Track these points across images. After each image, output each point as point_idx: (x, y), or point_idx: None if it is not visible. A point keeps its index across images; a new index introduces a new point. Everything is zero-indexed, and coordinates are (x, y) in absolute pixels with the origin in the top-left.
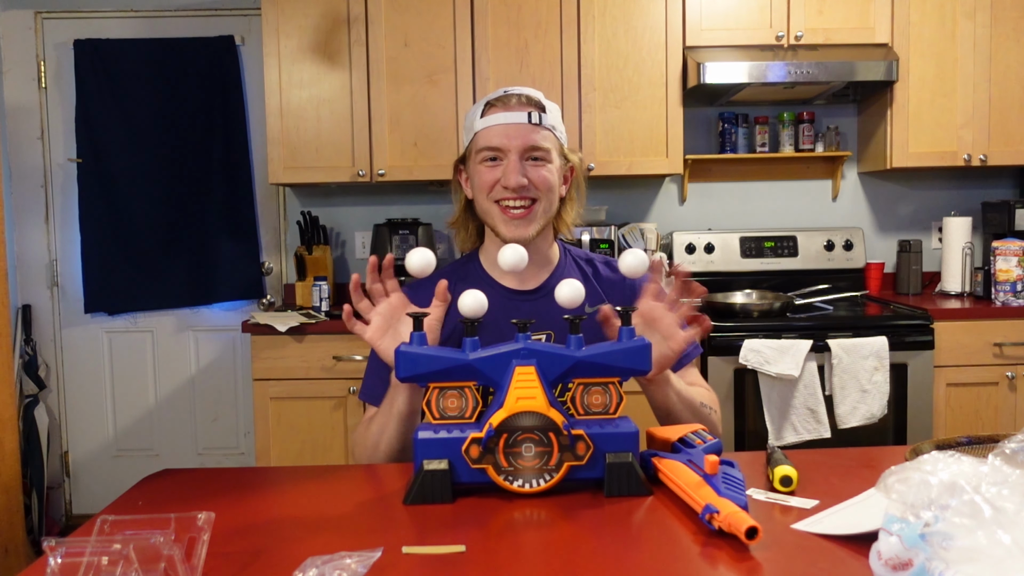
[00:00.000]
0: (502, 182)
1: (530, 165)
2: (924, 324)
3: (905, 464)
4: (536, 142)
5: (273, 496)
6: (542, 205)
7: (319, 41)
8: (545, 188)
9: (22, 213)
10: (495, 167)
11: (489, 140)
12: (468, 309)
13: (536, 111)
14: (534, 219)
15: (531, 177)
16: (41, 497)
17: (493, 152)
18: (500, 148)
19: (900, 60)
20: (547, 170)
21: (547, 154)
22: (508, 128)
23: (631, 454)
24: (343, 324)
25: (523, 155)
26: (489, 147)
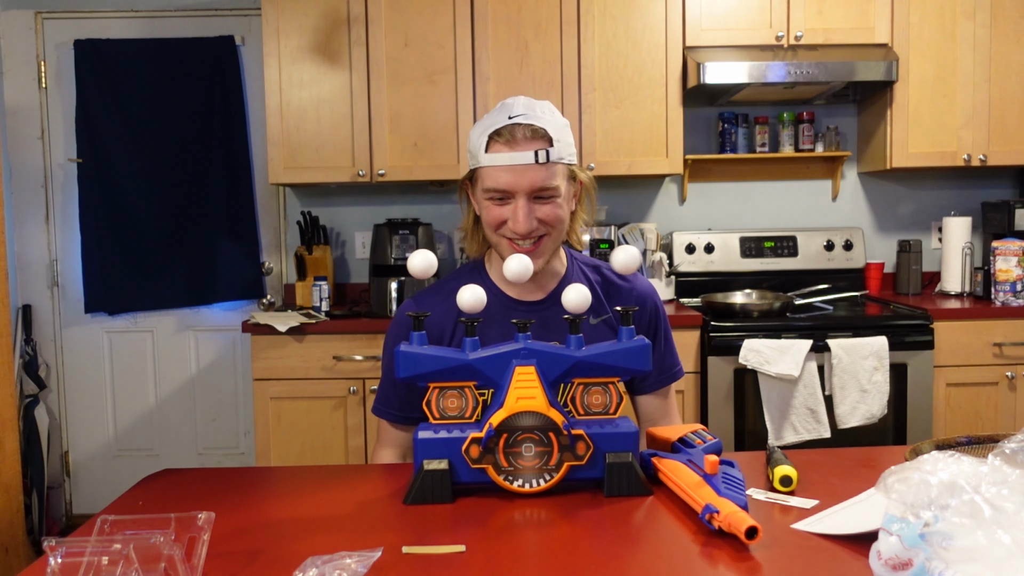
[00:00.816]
0: (510, 225)
1: (538, 204)
2: (924, 324)
3: (905, 464)
4: (544, 183)
5: (273, 496)
6: (551, 238)
7: (319, 41)
8: (554, 223)
9: (22, 213)
10: (503, 205)
11: (496, 181)
12: (467, 304)
13: (544, 147)
14: (543, 253)
15: (539, 216)
16: (41, 497)
17: (500, 193)
18: (507, 191)
19: (900, 60)
20: (555, 205)
21: (555, 190)
22: (515, 170)
23: (631, 454)
24: (343, 324)
25: (531, 195)
26: (496, 189)
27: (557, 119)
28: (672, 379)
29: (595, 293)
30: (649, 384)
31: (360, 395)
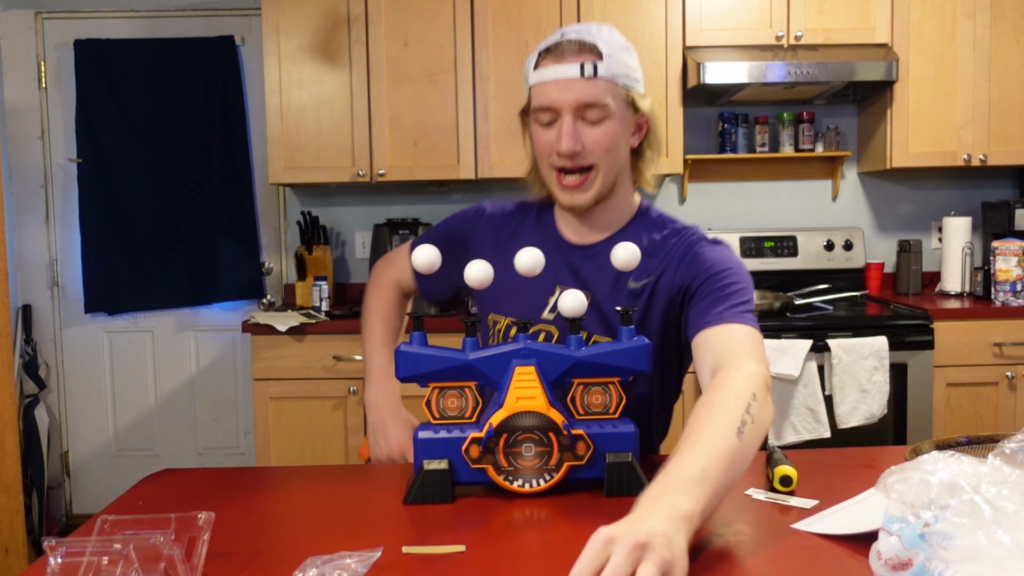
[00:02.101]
0: (556, 147)
1: (586, 126)
2: (924, 324)
3: (905, 464)
4: (589, 98)
5: (273, 496)
6: (600, 169)
7: (319, 41)
8: (601, 151)
9: (22, 213)
10: (550, 129)
11: (541, 98)
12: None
13: (591, 60)
14: (590, 187)
15: (586, 141)
16: (41, 497)
17: (547, 113)
18: (551, 107)
19: (900, 60)
20: (604, 130)
21: (605, 110)
22: (559, 84)
23: (631, 454)
24: (343, 324)
25: (577, 113)
26: (541, 106)
27: (616, 39)
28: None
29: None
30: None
31: (360, 395)
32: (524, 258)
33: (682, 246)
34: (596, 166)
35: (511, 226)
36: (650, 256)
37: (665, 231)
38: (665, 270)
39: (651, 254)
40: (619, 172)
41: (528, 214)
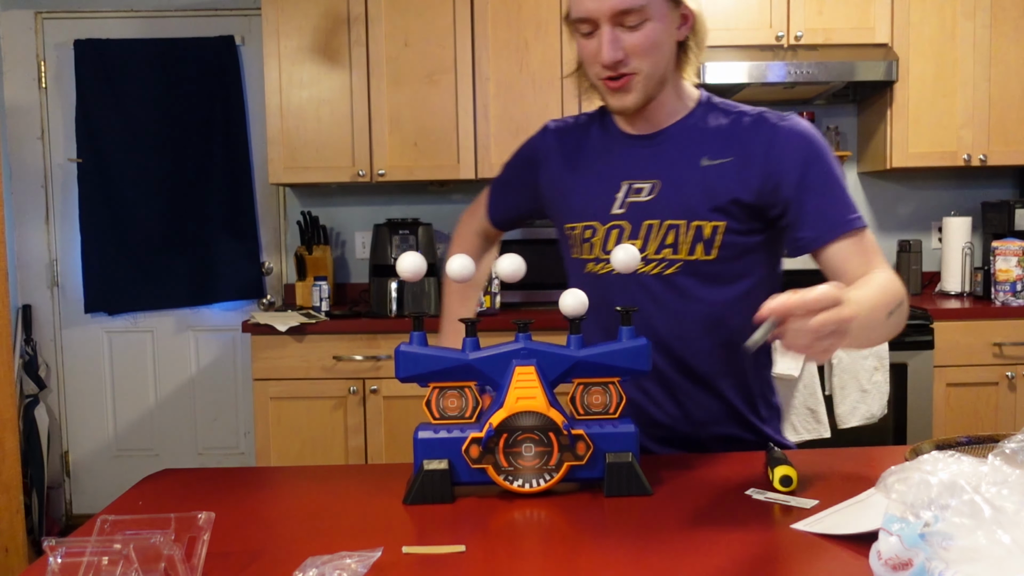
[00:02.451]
0: (598, 58)
1: (625, 32)
2: (924, 324)
3: (905, 464)
4: (624, 4)
5: (273, 496)
6: (644, 71)
7: (319, 41)
8: (642, 54)
9: (22, 213)
10: (591, 39)
11: (578, 9)
12: (505, 272)
13: None
14: (633, 88)
15: (627, 47)
16: (41, 497)
17: (585, 24)
18: (588, 18)
19: (900, 60)
20: (644, 34)
21: (642, 12)
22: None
23: (631, 454)
24: (343, 324)
25: (615, 21)
26: (579, 18)
27: None
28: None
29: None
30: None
31: (360, 395)
32: (505, 264)
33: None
34: (638, 72)
35: (576, 135)
36: (728, 137)
37: (732, 115)
38: (752, 153)
39: (728, 135)
40: (664, 68)
41: (593, 120)
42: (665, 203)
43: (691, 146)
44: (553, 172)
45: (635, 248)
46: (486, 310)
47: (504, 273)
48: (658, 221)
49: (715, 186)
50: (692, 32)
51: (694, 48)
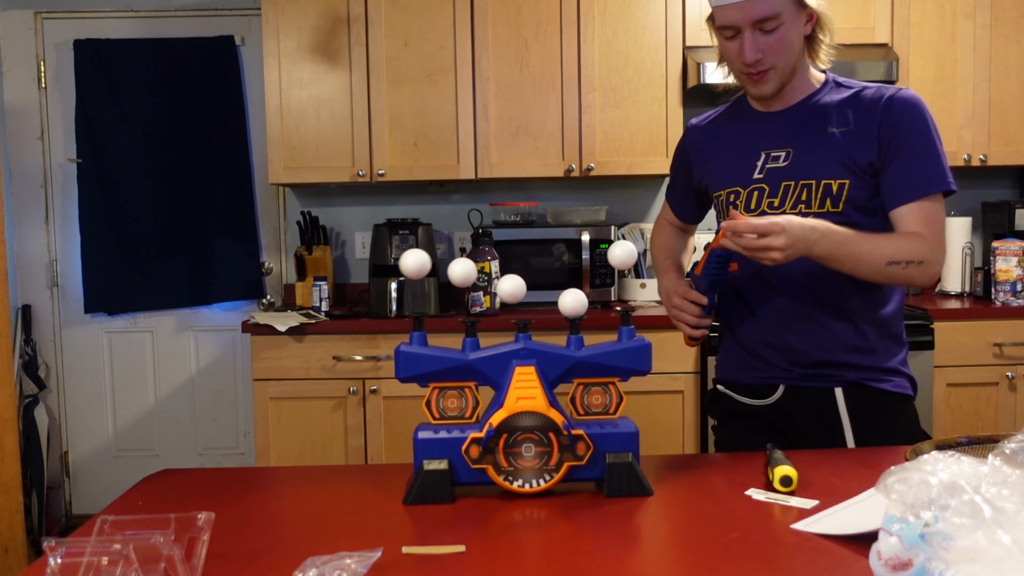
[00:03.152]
0: (741, 58)
1: (762, 36)
2: (924, 324)
3: (905, 464)
4: (763, 14)
5: (273, 496)
6: (779, 65)
7: (319, 41)
8: (777, 52)
9: (22, 213)
10: (733, 40)
11: (723, 18)
12: (506, 294)
13: None
14: (771, 79)
15: (764, 48)
16: (41, 497)
17: (729, 30)
18: (732, 26)
19: (900, 60)
20: (778, 36)
21: (777, 19)
22: (737, 7)
23: (631, 454)
24: (343, 324)
25: (755, 27)
26: (724, 26)
27: None
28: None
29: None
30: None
31: (360, 395)
32: (506, 286)
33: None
34: (774, 66)
35: (716, 124)
36: (848, 108)
37: (853, 89)
38: (866, 120)
39: (848, 106)
40: (796, 59)
41: (731, 109)
42: (798, 166)
43: (818, 117)
44: (701, 158)
45: (631, 244)
46: (486, 310)
47: (504, 294)
48: (793, 182)
49: (840, 149)
50: (818, 26)
51: (821, 39)
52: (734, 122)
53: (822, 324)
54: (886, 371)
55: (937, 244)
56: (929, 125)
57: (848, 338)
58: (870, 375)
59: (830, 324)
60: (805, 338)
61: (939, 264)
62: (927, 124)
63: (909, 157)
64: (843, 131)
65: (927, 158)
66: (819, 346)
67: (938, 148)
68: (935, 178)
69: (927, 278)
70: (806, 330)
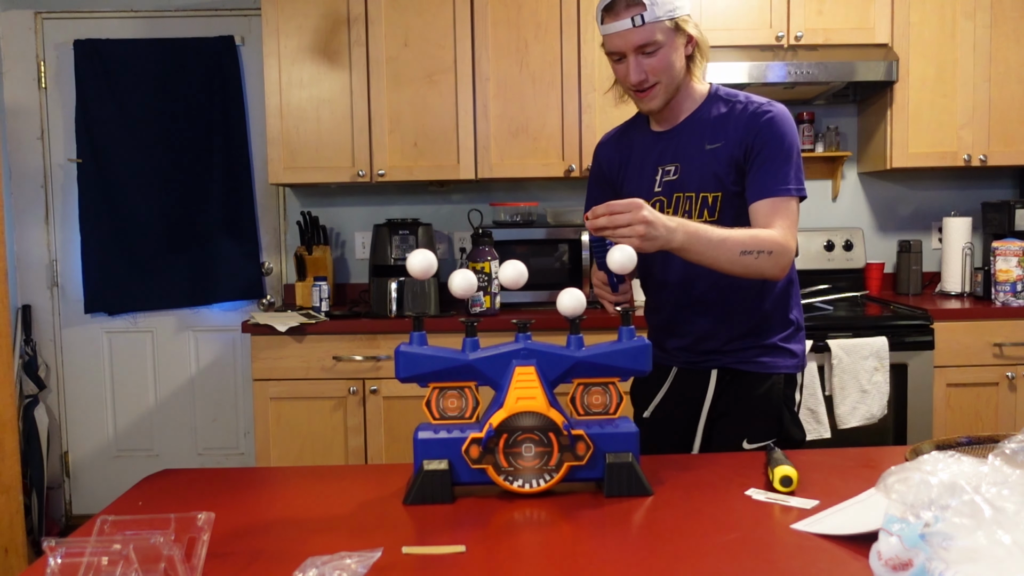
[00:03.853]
0: (627, 79)
1: (645, 58)
2: (924, 324)
3: (905, 464)
4: (643, 40)
5: (273, 496)
6: (663, 82)
7: (319, 41)
8: (660, 71)
9: (22, 213)
10: (621, 63)
11: (609, 45)
12: (508, 280)
13: (638, 13)
14: (656, 95)
15: (647, 69)
16: (41, 497)
17: (616, 55)
18: (617, 52)
19: (900, 60)
20: (659, 57)
21: (656, 44)
22: (620, 35)
23: (631, 454)
24: (343, 324)
25: (637, 51)
26: (611, 51)
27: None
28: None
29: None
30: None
31: (360, 395)
32: (508, 271)
33: (745, 117)
34: (659, 83)
35: (623, 140)
36: (721, 125)
37: (730, 104)
38: (733, 136)
39: (722, 123)
40: (679, 77)
41: (632, 126)
42: (684, 180)
43: (698, 134)
44: (614, 170)
45: (631, 248)
46: (486, 310)
47: (507, 280)
48: (682, 193)
49: (712, 165)
50: (697, 47)
51: (699, 59)
52: (637, 139)
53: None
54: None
55: (787, 237)
56: (787, 139)
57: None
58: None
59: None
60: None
61: (789, 256)
62: (786, 138)
63: (766, 163)
64: (715, 147)
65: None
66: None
67: (793, 159)
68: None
69: (778, 268)
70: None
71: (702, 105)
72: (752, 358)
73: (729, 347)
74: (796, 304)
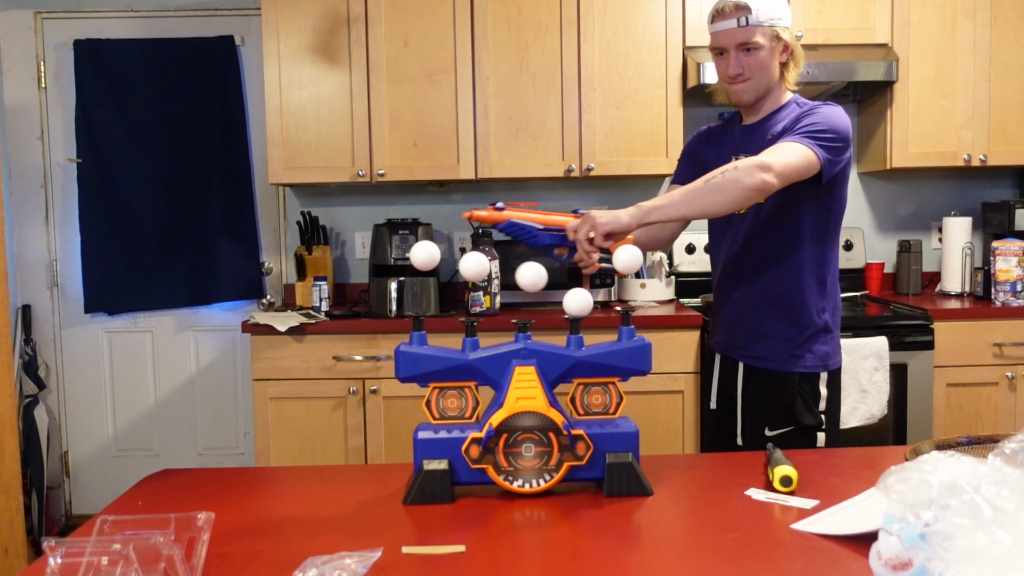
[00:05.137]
0: (727, 72)
1: (744, 55)
2: (924, 324)
3: (905, 464)
4: (745, 39)
5: (273, 496)
6: (755, 79)
7: (319, 41)
8: (755, 69)
9: (22, 213)
10: (722, 60)
11: (715, 42)
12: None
13: (744, 15)
14: (748, 89)
15: (744, 64)
16: (41, 497)
17: (719, 50)
18: (721, 47)
19: (900, 60)
20: (756, 56)
21: (755, 44)
22: (726, 33)
23: (631, 454)
24: (343, 324)
25: (739, 48)
26: (716, 47)
27: None
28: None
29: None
30: None
31: (360, 395)
32: (526, 274)
33: (800, 110)
34: (751, 79)
35: (715, 132)
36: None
37: (799, 107)
38: (788, 126)
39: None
40: (771, 79)
41: (728, 122)
42: None
43: (766, 130)
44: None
45: (636, 249)
46: (486, 310)
47: (525, 283)
48: None
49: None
50: (791, 56)
51: (792, 66)
52: (727, 131)
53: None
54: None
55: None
56: (825, 120)
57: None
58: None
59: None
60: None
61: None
62: (825, 120)
63: (798, 126)
64: (773, 137)
65: (810, 129)
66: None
67: (822, 130)
68: (810, 136)
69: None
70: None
71: (782, 108)
72: (773, 354)
73: (752, 339)
74: (830, 308)
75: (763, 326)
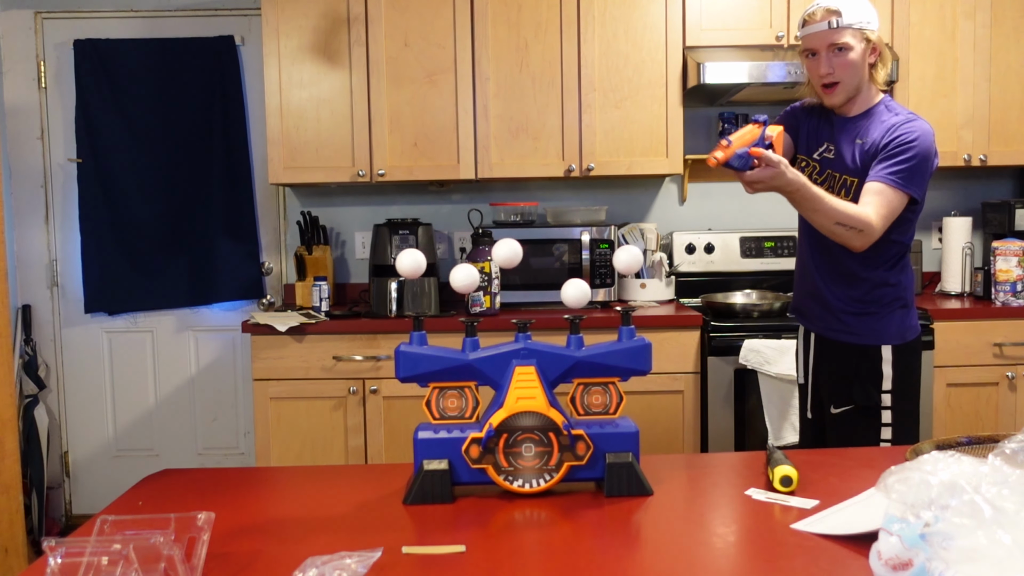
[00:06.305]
0: (817, 72)
1: (834, 56)
2: (924, 324)
3: (905, 464)
4: (834, 40)
5: (273, 496)
6: (844, 81)
7: (319, 41)
8: (844, 69)
9: (22, 213)
10: (814, 61)
11: (807, 43)
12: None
13: (834, 18)
14: (839, 92)
15: (834, 64)
16: (41, 497)
17: (810, 52)
18: (812, 49)
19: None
20: (845, 58)
21: (846, 45)
22: (817, 35)
23: (631, 454)
24: (343, 324)
25: (829, 50)
26: (807, 49)
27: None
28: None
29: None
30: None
31: (360, 395)
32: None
33: (889, 123)
34: (842, 81)
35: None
36: (873, 127)
37: (889, 113)
38: (875, 137)
39: (875, 126)
40: (860, 80)
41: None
42: (836, 162)
43: (856, 130)
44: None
45: (637, 249)
46: (486, 310)
47: (501, 259)
48: (830, 170)
49: (857, 157)
50: (880, 57)
51: (880, 67)
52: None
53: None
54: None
55: (878, 221)
56: (915, 146)
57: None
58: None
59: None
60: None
61: (873, 236)
62: (914, 145)
63: (889, 157)
64: (862, 143)
65: (901, 164)
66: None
67: (913, 163)
68: (906, 179)
69: (859, 243)
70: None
71: (871, 108)
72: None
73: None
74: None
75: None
